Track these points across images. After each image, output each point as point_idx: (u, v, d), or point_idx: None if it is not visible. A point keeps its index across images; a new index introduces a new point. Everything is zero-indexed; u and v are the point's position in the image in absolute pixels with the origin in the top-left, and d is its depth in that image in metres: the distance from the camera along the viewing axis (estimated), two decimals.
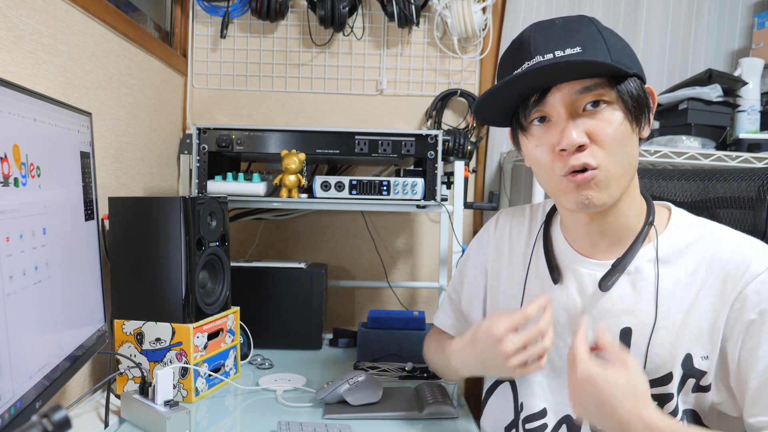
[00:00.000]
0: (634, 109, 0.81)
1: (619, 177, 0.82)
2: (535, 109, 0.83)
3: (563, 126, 0.80)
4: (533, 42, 0.80)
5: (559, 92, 0.80)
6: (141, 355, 1.18)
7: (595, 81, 0.79)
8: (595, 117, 0.80)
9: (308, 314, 1.57)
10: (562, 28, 0.80)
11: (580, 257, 0.93)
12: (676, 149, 1.66)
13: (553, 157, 0.83)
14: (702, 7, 2.01)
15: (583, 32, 0.80)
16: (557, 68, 0.77)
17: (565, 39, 0.79)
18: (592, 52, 0.78)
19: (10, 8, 1.00)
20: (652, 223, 0.89)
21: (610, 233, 0.90)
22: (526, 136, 0.86)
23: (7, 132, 0.75)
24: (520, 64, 0.81)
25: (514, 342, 0.85)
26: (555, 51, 0.78)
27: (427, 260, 2.04)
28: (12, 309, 0.75)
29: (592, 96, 0.80)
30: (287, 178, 1.48)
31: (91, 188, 1.06)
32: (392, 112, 2.00)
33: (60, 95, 1.15)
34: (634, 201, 0.89)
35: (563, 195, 0.85)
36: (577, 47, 0.78)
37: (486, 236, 1.10)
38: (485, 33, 1.94)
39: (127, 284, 1.20)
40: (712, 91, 1.72)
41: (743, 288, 0.81)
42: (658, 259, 0.87)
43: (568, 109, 0.80)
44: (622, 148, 0.81)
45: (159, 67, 1.72)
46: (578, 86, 0.79)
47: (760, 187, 1.04)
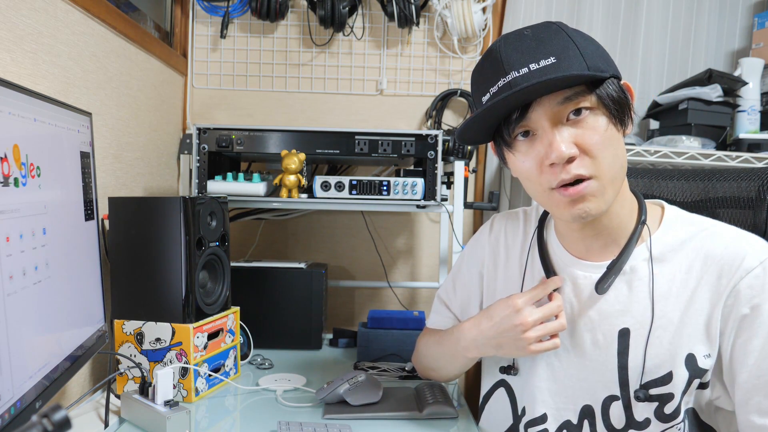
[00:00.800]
0: (616, 112, 0.81)
1: (613, 181, 0.82)
2: (518, 125, 0.81)
3: (550, 139, 0.79)
4: (505, 57, 0.79)
5: (541, 106, 0.79)
6: (141, 355, 1.18)
7: (574, 90, 0.78)
8: (579, 125, 0.79)
9: (308, 314, 1.57)
10: (532, 39, 0.79)
11: (575, 260, 0.93)
12: (676, 149, 1.66)
13: (542, 171, 0.82)
14: (702, 7, 2.01)
15: (555, 41, 0.79)
16: (536, 89, 0.76)
17: (537, 50, 0.78)
18: (567, 60, 0.77)
19: (10, 8, 1.00)
20: (644, 222, 0.89)
21: (604, 235, 0.89)
22: (512, 152, 0.85)
23: (7, 132, 0.75)
24: (495, 80, 0.79)
25: (533, 313, 0.88)
26: (529, 64, 0.77)
27: (427, 260, 2.04)
28: (12, 309, 0.75)
29: (573, 105, 0.79)
30: (287, 178, 1.48)
31: (91, 188, 1.06)
32: (392, 112, 2.00)
33: (60, 95, 1.15)
34: (625, 200, 0.89)
35: (556, 208, 0.84)
36: (551, 57, 0.77)
37: (480, 241, 1.10)
38: (485, 33, 1.94)
39: (127, 284, 1.20)
40: (712, 91, 1.72)
41: (737, 283, 0.82)
42: (652, 258, 0.87)
43: (552, 121, 0.80)
44: (611, 152, 0.81)
45: (159, 67, 1.72)
46: (559, 97, 0.79)
47: (760, 186, 1.04)
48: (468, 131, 0.86)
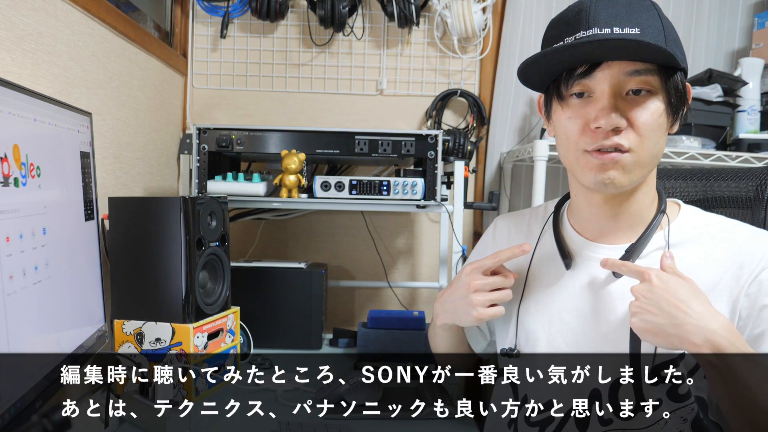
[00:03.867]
0: (675, 103, 0.81)
1: (645, 164, 0.82)
2: (579, 82, 0.81)
3: (604, 105, 0.79)
4: (593, 12, 0.78)
5: (609, 69, 0.79)
6: (141, 355, 1.18)
7: (646, 66, 0.78)
8: (636, 103, 0.80)
9: (308, 314, 1.57)
10: (624, 5, 0.79)
11: (589, 243, 0.93)
12: (676, 149, 1.66)
13: (584, 131, 0.82)
14: (702, 7, 2.01)
15: (645, 14, 0.78)
16: (616, 44, 0.76)
17: (626, 17, 0.77)
18: (650, 36, 0.77)
19: (10, 8, 1.00)
20: (664, 211, 0.89)
21: (622, 218, 0.89)
22: (562, 106, 0.85)
23: (7, 132, 0.75)
24: (574, 31, 0.79)
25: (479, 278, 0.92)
26: (614, 27, 0.77)
27: (427, 260, 2.04)
28: (12, 309, 0.75)
29: (639, 81, 0.79)
30: (287, 178, 1.48)
31: (91, 188, 1.06)
32: (392, 112, 2.00)
33: (60, 95, 1.15)
34: (650, 190, 0.89)
35: (583, 171, 0.84)
36: (636, 28, 0.77)
37: (484, 244, 1.10)
38: (485, 33, 1.94)
39: (127, 284, 1.20)
40: (712, 91, 1.72)
41: (759, 273, 0.82)
42: (669, 244, 0.87)
43: (613, 89, 0.79)
44: (655, 137, 0.81)
45: (159, 67, 1.72)
46: (629, 68, 0.78)
47: (758, 186, 1.04)
48: (531, 68, 0.84)
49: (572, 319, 0.92)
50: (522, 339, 0.96)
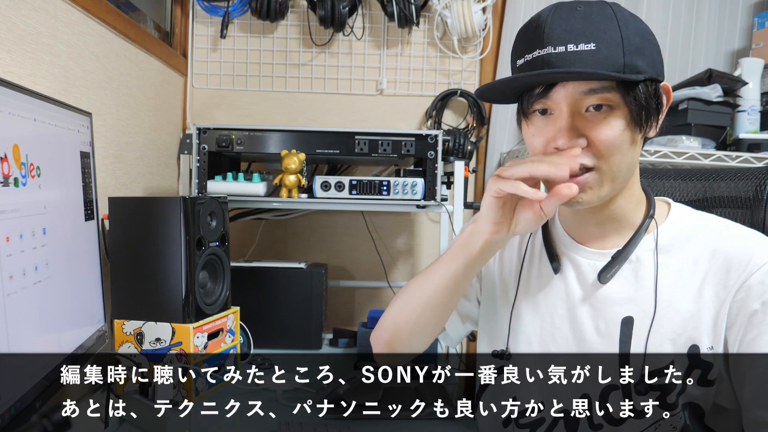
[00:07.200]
0: (638, 117, 0.80)
1: (614, 179, 0.81)
2: (538, 101, 0.81)
3: (562, 125, 0.79)
4: (548, 28, 0.78)
5: (564, 89, 0.79)
6: (141, 355, 1.18)
7: (602, 84, 0.78)
8: (596, 120, 0.79)
9: (308, 314, 1.57)
10: (581, 17, 0.78)
11: (578, 246, 0.92)
12: (676, 149, 1.66)
13: (546, 151, 0.82)
14: (702, 7, 2.01)
15: (602, 26, 0.77)
16: (563, 75, 0.76)
17: (582, 31, 0.77)
18: (606, 50, 0.76)
19: (10, 8, 1.00)
20: (652, 216, 0.88)
21: (607, 224, 0.89)
22: (527, 123, 0.85)
23: (7, 132, 0.75)
24: (532, 48, 0.79)
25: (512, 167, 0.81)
26: (567, 44, 0.76)
27: (427, 260, 2.03)
28: (12, 309, 0.75)
29: (596, 99, 0.78)
30: (287, 178, 1.48)
31: (91, 188, 1.06)
32: (392, 112, 2.00)
33: (60, 95, 1.15)
34: (632, 195, 0.89)
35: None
36: (592, 43, 0.76)
37: None
38: (485, 33, 1.94)
39: (127, 284, 1.20)
40: (712, 91, 1.72)
41: (747, 278, 0.81)
42: (657, 249, 0.87)
43: (571, 108, 0.79)
44: (619, 153, 0.80)
45: (159, 67, 1.72)
46: (584, 87, 0.78)
47: (757, 186, 1.04)
48: (491, 92, 0.87)
49: (563, 323, 0.92)
50: (513, 341, 0.97)
